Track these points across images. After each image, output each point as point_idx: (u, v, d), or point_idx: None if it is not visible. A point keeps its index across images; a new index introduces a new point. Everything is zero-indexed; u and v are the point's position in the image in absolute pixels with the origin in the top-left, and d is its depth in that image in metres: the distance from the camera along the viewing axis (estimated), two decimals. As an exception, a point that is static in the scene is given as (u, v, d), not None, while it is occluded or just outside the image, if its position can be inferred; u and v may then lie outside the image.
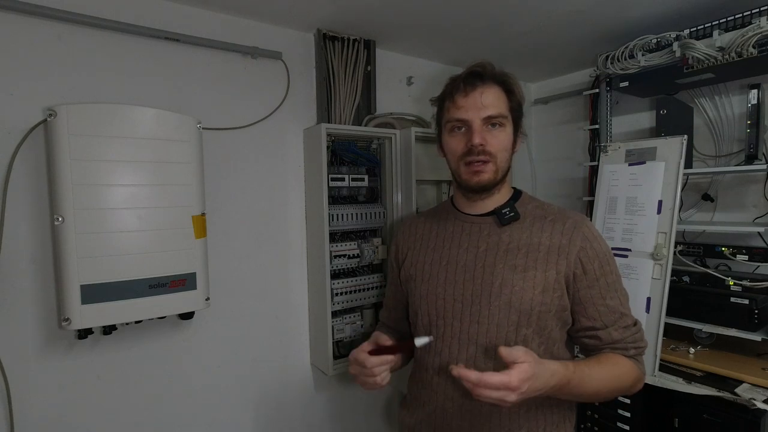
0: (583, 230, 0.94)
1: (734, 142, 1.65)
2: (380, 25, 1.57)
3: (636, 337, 0.95)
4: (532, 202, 1.02)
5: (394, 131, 1.64)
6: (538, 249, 0.94)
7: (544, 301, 0.92)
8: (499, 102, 0.95)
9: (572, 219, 0.96)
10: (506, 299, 0.92)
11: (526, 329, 0.92)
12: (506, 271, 0.94)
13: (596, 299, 0.93)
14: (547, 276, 0.92)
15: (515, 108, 0.97)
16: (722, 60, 1.38)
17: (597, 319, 0.93)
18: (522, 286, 0.92)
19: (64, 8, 1.17)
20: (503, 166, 0.97)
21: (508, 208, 0.98)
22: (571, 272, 0.93)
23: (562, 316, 0.95)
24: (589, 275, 0.93)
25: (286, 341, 1.61)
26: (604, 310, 0.93)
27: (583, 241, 0.93)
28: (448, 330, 0.96)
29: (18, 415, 1.14)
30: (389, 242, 1.65)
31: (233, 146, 1.47)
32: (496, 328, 0.92)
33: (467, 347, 0.94)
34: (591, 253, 0.93)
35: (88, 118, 1.11)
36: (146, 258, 1.18)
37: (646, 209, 1.47)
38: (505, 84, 0.96)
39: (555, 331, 0.95)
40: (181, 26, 1.35)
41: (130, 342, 1.31)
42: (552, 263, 0.93)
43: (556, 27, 1.60)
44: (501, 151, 0.95)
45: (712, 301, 1.43)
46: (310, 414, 1.69)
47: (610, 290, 0.93)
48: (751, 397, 1.22)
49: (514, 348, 0.78)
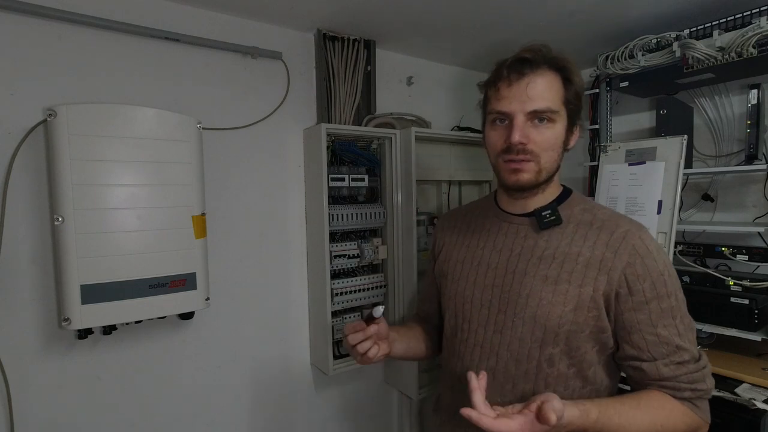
0: (633, 242, 0.81)
1: (734, 142, 1.65)
2: (380, 25, 1.57)
3: (694, 377, 0.79)
4: (580, 205, 0.89)
5: (394, 131, 1.64)
6: (576, 260, 0.82)
7: (575, 319, 0.81)
8: (550, 93, 0.82)
9: (623, 228, 0.83)
10: (531, 313, 0.83)
11: (552, 348, 0.82)
12: (536, 281, 0.84)
13: (644, 326, 0.80)
14: (582, 292, 0.81)
15: (571, 100, 0.84)
16: (722, 60, 1.38)
17: (643, 350, 0.80)
18: (551, 300, 0.82)
19: (64, 8, 1.17)
20: (548, 167, 0.85)
21: (550, 210, 0.87)
22: (613, 291, 0.80)
23: (600, 338, 0.83)
24: (636, 297, 0.79)
25: (286, 341, 1.61)
26: (653, 340, 0.80)
27: (632, 255, 0.80)
28: (471, 336, 0.91)
29: (18, 415, 1.14)
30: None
31: (233, 146, 1.47)
32: (518, 343, 0.85)
33: (488, 357, 0.88)
34: (641, 270, 0.79)
35: (88, 118, 1.11)
36: (146, 258, 1.18)
37: (646, 209, 1.47)
38: (563, 71, 0.83)
39: (590, 354, 0.83)
40: (181, 26, 1.35)
41: (130, 342, 1.31)
42: (590, 278, 0.81)
43: (556, 27, 1.59)
44: (546, 150, 0.83)
45: (712, 301, 1.43)
46: (310, 414, 1.69)
47: (664, 317, 0.80)
48: (751, 397, 1.22)
49: (541, 394, 0.70)
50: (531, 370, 0.84)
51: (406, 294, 1.66)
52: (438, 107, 1.98)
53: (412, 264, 1.63)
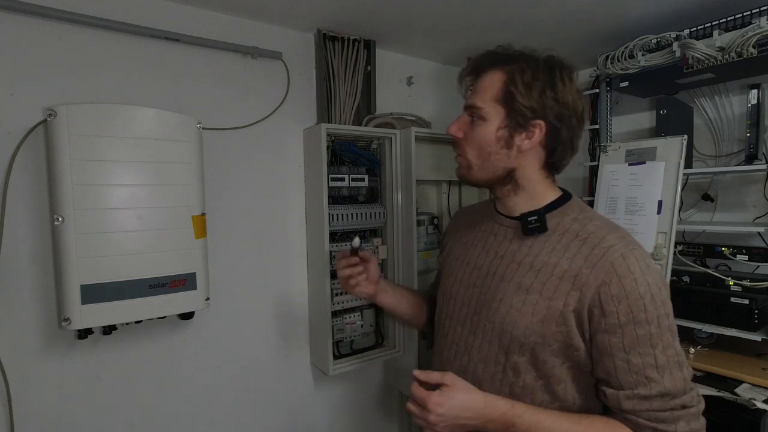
0: (613, 259, 0.75)
1: (734, 142, 1.65)
2: (380, 25, 1.57)
3: (660, 416, 0.73)
4: (574, 213, 0.84)
5: (394, 131, 1.64)
6: (552, 271, 0.79)
7: (542, 332, 0.78)
8: (486, 92, 0.83)
9: (607, 244, 0.77)
10: (500, 319, 0.82)
11: (517, 357, 0.81)
12: (510, 287, 0.83)
13: (615, 350, 0.74)
14: (551, 305, 0.78)
15: (517, 100, 0.80)
16: (722, 60, 1.38)
17: (611, 375, 0.76)
18: (519, 308, 0.80)
19: (64, 8, 1.17)
20: (480, 164, 0.85)
21: (536, 216, 0.84)
22: (586, 309, 0.76)
23: (571, 355, 0.79)
24: (610, 319, 0.74)
25: (286, 341, 1.61)
26: (623, 367, 0.74)
27: (609, 274, 0.74)
28: (450, 332, 0.93)
29: (18, 415, 1.14)
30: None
31: (233, 146, 1.47)
32: (487, 346, 0.85)
33: (462, 356, 0.90)
34: (616, 290, 0.74)
35: (88, 118, 1.11)
36: (146, 258, 1.18)
37: (646, 209, 1.47)
38: (510, 72, 0.82)
39: (558, 369, 0.80)
40: (181, 26, 1.35)
41: (130, 342, 1.31)
42: (562, 292, 0.77)
43: (556, 27, 1.59)
44: (473, 147, 0.85)
45: (712, 301, 1.43)
46: (310, 414, 1.69)
47: (639, 344, 0.73)
48: (751, 397, 1.22)
49: (447, 373, 0.79)
50: (497, 374, 0.84)
51: (406, 294, 1.66)
52: (438, 107, 1.98)
53: (412, 264, 1.63)
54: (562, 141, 0.83)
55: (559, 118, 0.81)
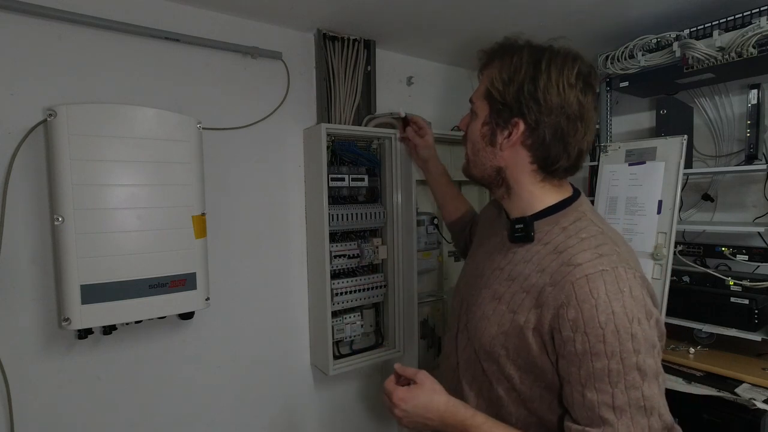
0: (574, 280, 0.67)
1: (734, 142, 1.65)
2: (380, 25, 1.57)
3: None
4: (565, 223, 0.77)
5: (394, 131, 1.64)
6: (522, 284, 0.75)
7: (505, 344, 0.75)
8: (482, 86, 0.81)
9: (578, 261, 0.69)
10: (474, 324, 0.81)
11: (488, 364, 0.79)
12: (487, 294, 0.80)
13: (573, 380, 0.68)
14: (514, 319, 0.73)
15: (500, 96, 0.77)
16: (722, 60, 1.38)
17: (570, 405, 0.70)
18: (489, 317, 0.78)
19: (64, 8, 1.17)
20: (473, 160, 0.84)
21: (523, 224, 0.79)
22: (546, 330, 0.70)
23: (539, 376, 0.73)
24: (567, 346, 0.67)
25: (286, 341, 1.61)
26: (579, 400, 0.67)
27: (568, 296, 0.67)
28: (450, 328, 0.94)
29: (18, 415, 1.14)
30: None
31: (233, 146, 1.47)
32: (468, 349, 0.84)
33: (452, 354, 0.90)
34: (573, 315, 0.66)
35: (88, 118, 1.11)
36: (146, 258, 1.18)
37: (646, 209, 1.47)
38: (497, 65, 0.78)
39: (527, 386, 0.75)
40: (181, 26, 1.35)
41: (130, 342, 1.31)
42: (525, 307, 0.73)
43: (556, 27, 1.59)
44: (469, 142, 0.84)
45: (712, 301, 1.43)
46: (310, 414, 1.69)
47: (596, 379, 0.65)
48: (751, 397, 1.22)
49: (419, 371, 0.80)
50: (477, 378, 0.84)
51: (406, 294, 1.66)
52: (438, 107, 1.98)
53: (412, 264, 1.63)
54: (545, 142, 0.76)
55: (539, 117, 0.75)
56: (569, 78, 0.75)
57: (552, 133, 0.76)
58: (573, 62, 0.76)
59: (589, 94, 0.77)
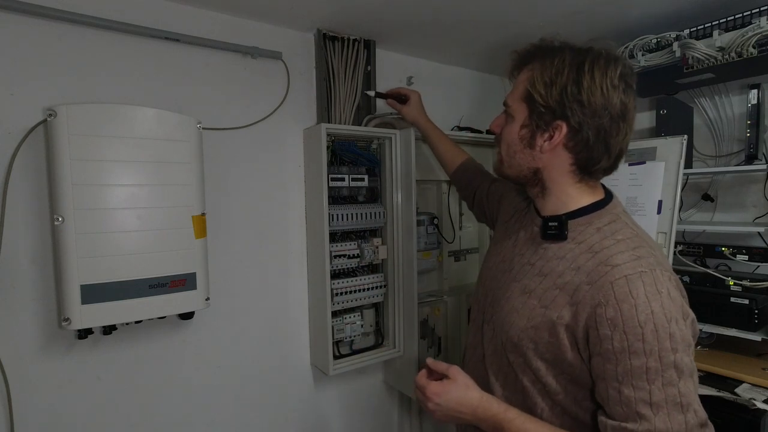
0: (613, 280, 0.69)
1: (734, 142, 1.65)
2: (380, 25, 1.57)
3: None
4: (600, 224, 0.78)
5: (394, 131, 1.64)
6: (555, 280, 0.76)
7: (534, 338, 0.76)
8: (519, 89, 0.81)
9: (616, 262, 0.71)
10: (501, 317, 0.83)
11: (513, 357, 0.81)
12: (517, 288, 0.82)
13: (609, 376, 0.70)
14: (546, 314, 0.75)
15: (539, 99, 0.77)
16: (722, 60, 1.38)
17: (604, 401, 0.71)
18: (519, 311, 0.79)
19: (64, 8, 1.17)
20: (508, 161, 0.84)
21: (557, 222, 0.80)
22: (581, 328, 0.72)
23: (567, 370, 0.75)
24: (604, 343, 0.69)
25: (286, 341, 1.61)
26: (615, 397, 0.69)
27: (607, 295, 0.69)
28: (475, 318, 0.95)
29: (18, 415, 1.14)
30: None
31: (233, 146, 1.47)
32: (495, 341, 0.86)
33: (478, 345, 0.91)
34: (612, 314, 0.68)
35: (88, 118, 1.11)
36: (146, 258, 1.18)
37: (646, 209, 1.47)
38: (536, 67, 0.79)
39: (552, 380, 0.77)
40: (181, 26, 1.35)
41: (130, 342, 1.31)
42: (558, 304, 0.74)
43: (556, 27, 1.59)
44: (504, 144, 0.84)
45: (712, 301, 1.43)
46: (310, 414, 1.69)
47: (634, 376, 0.67)
48: (751, 397, 1.22)
49: (452, 366, 0.82)
50: (502, 369, 0.85)
51: (406, 294, 1.66)
52: (438, 107, 1.97)
53: (412, 264, 1.63)
54: (588, 144, 0.77)
55: (583, 119, 0.75)
56: (612, 79, 0.76)
57: (595, 135, 0.76)
58: (615, 64, 0.77)
59: (630, 94, 0.79)
